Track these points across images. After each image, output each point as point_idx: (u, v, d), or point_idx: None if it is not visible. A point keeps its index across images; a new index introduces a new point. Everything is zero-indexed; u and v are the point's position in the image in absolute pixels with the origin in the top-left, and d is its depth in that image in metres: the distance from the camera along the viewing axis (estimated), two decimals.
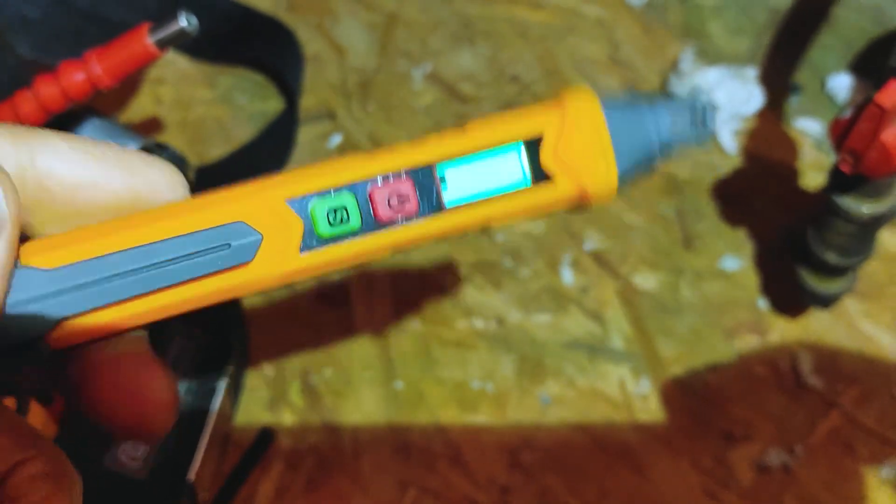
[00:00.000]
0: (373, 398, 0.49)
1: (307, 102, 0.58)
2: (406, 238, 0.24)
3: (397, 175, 0.23)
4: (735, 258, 0.53)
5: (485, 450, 0.47)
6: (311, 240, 0.23)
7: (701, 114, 0.26)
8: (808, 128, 0.57)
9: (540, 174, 0.24)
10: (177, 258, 0.22)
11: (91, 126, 0.38)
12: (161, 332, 0.42)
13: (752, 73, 0.58)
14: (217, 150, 0.56)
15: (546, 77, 0.59)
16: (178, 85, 0.58)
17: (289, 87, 0.57)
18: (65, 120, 0.38)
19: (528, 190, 0.24)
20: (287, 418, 0.48)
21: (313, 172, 0.23)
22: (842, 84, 0.58)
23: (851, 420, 0.49)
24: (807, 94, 0.59)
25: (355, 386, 0.49)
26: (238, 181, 0.63)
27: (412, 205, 0.23)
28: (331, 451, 0.47)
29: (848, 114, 0.39)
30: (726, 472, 0.47)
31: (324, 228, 0.23)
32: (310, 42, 0.60)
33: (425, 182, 0.23)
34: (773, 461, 0.47)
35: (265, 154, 0.56)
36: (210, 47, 0.59)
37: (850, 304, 0.52)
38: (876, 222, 0.43)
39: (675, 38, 0.61)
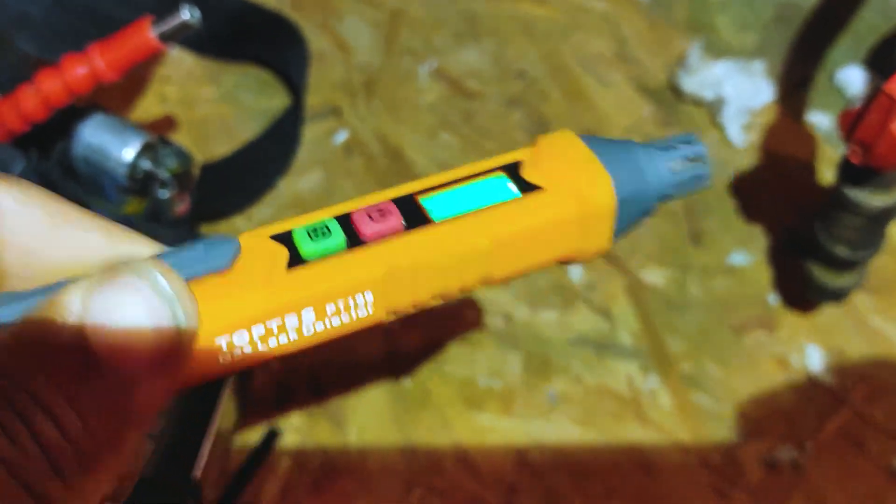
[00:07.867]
0: (379, 396, 0.48)
1: (312, 100, 0.58)
2: (395, 253, 0.22)
3: (380, 202, 0.23)
4: (743, 253, 0.53)
5: (492, 448, 0.47)
6: (296, 261, 0.22)
7: (697, 154, 0.25)
8: (818, 121, 0.57)
9: (528, 187, 0.24)
10: None
11: (95, 122, 0.38)
12: None
13: (759, 66, 0.58)
14: (222, 148, 0.56)
15: (552, 73, 0.59)
16: (184, 82, 0.58)
17: (294, 84, 0.57)
18: (70, 116, 0.38)
19: (519, 199, 0.23)
20: (294, 417, 0.48)
21: (296, 218, 0.23)
22: (851, 77, 0.58)
23: (861, 416, 0.48)
24: (816, 87, 0.58)
25: (362, 384, 0.49)
26: (243, 178, 0.63)
27: (395, 218, 0.23)
28: (337, 451, 0.47)
29: (857, 105, 0.38)
30: (735, 469, 0.47)
31: (307, 245, 0.22)
32: (315, 40, 0.60)
33: (409, 207, 0.23)
34: (782, 458, 0.47)
35: (271, 151, 0.56)
36: (215, 44, 0.59)
37: (860, 300, 0.51)
38: (885, 215, 0.43)
39: (682, 33, 0.61)
